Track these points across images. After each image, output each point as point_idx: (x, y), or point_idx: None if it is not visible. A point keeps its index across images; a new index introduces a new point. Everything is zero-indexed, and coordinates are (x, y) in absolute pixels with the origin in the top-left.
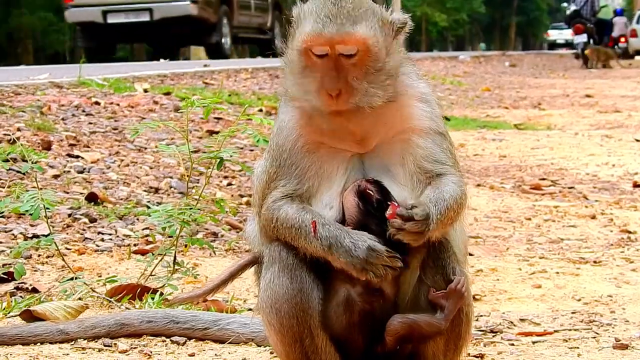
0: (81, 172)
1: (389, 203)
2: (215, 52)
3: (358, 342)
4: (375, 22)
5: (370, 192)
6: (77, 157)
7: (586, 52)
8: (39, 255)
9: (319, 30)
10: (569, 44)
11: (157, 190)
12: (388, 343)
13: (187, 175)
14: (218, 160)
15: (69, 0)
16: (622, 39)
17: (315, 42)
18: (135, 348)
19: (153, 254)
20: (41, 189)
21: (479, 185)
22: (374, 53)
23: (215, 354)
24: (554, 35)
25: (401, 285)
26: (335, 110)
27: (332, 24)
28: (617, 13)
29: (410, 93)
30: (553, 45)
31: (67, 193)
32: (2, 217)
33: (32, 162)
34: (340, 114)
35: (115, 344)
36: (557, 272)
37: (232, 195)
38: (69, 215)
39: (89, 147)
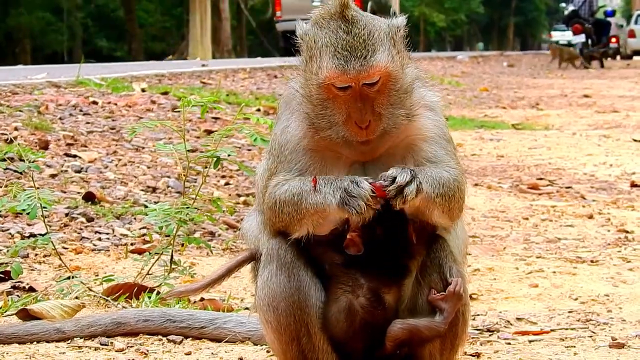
0: (78, 172)
1: (393, 209)
2: None
3: (357, 346)
4: (388, 43)
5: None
6: (75, 156)
7: (549, 51)
8: (36, 255)
9: (341, 67)
10: (571, 45)
11: (154, 189)
12: (388, 348)
13: (184, 175)
14: (215, 159)
15: (278, 17)
16: (613, 40)
17: (338, 78)
18: (131, 347)
19: (150, 253)
20: (38, 188)
21: (476, 184)
22: (394, 76)
23: (212, 353)
24: (556, 36)
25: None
26: (365, 140)
27: (354, 58)
28: (607, 14)
29: (419, 103)
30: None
31: (65, 192)
32: None
33: (30, 162)
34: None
35: (111, 342)
36: (554, 272)
37: (230, 195)
38: (66, 214)
39: (86, 146)
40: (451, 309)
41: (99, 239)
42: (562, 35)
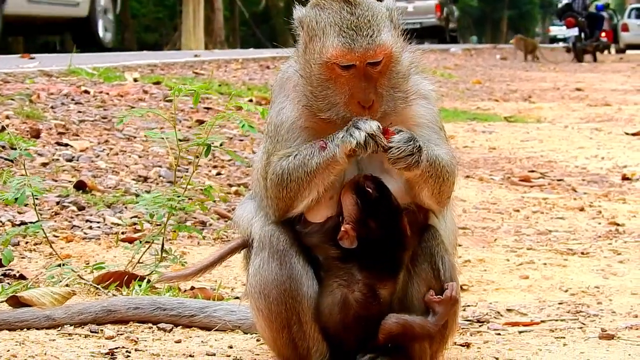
0: (70, 161)
1: (389, 201)
2: None
3: (349, 337)
4: (389, 24)
5: (369, 189)
6: (66, 145)
7: (512, 41)
8: (27, 243)
9: (348, 45)
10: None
11: (145, 179)
12: (381, 340)
13: (176, 164)
14: (206, 147)
15: None
16: (603, 34)
17: (345, 56)
18: (121, 334)
19: (141, 242)
20: (29, 175)
21: (468, 176)
22: (395, 57)
23: (202, 341)
24: (554, 30)
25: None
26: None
27: (360, 37)
28: (598, 9)
29: (414, 91)
30: (553, 40)
31: (56, 181)
32: None
33: (22, 149)
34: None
35: (101, 330)
36: (545, 263)
37: (222, 185)
38: (57, 203)
39: (78, 135)
40: (444, 312)
41: (90, 228)
42: (560, 30)
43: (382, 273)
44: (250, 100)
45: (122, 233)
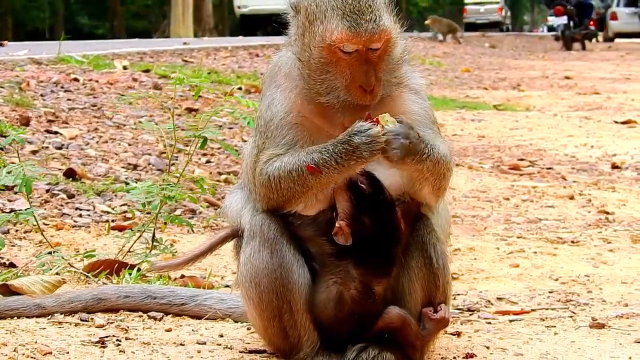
0: (59, 148)
1: (383, 197)
2: None
3: (342, 330)
4: (387, 9)
5: (363, 185)
6: (56, 133)
7: (427, 22)
8: (17, 230)
9: (353, 29)
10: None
11: (135, 166)
12: (377, 327)
13: (170, 152)
14: (202, 139)
15: None
16: (590, 22)
17: (350, 40)
18: (112, 323)
19: (132, 230)
20: (23, 162)
21: (457, 165)
22: (394, 42)
23: (192, 330)
24: (552, 20)
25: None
26: (367, 104)
27: (364, 21)
28: None
29: (405, 84)
30: (550, 29)
31: (46, 169)
32: None
33: (15, 136)
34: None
35: (92, 318)
36: (535, 252)
37: (211, 173)
38: (47, 190)
39: (67, 123)
40: (434, 330)
41: (80, 216)
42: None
43: (377, 269)
44: (240, 89)
45: (112, 221)
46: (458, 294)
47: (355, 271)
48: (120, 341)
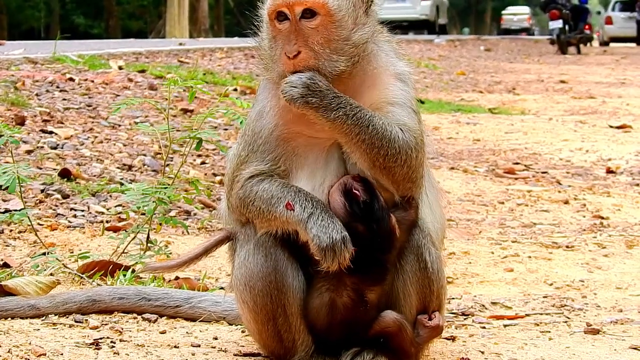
0: (54, 148)
1: (377, 202)
2: None
3: (335, 335)
4: None
5: (357, 192)
6: (51, 133)
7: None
8: (11, 231)
9: None
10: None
11: (130, 167)
12: (372, 331)
13: (165, 153)
14: (197, 140)
15: None
16: (586, 27)
17: (275, 3)
18: (106, 324)
19: (126, 232)
20: (16, 162)
21: (452, 168)
22: (337, 19)
23: (187, 332)
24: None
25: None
26: (293, 71)
27: None
28: (582, 1)
29: (386, 70)
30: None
31: (40, 169)
32: None
33: (9, 137)
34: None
35: (86, 320)
36: (530, 256)
37: (206, 174)
38: (42, 190)
39: (62, 123)
40: (428, 337)
41: (74, 216)
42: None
43: (370, 277)
44: (235, 90)
45: (107, 222)
46: (452, 298)
47: (348, 279)
48: (114, 343)
